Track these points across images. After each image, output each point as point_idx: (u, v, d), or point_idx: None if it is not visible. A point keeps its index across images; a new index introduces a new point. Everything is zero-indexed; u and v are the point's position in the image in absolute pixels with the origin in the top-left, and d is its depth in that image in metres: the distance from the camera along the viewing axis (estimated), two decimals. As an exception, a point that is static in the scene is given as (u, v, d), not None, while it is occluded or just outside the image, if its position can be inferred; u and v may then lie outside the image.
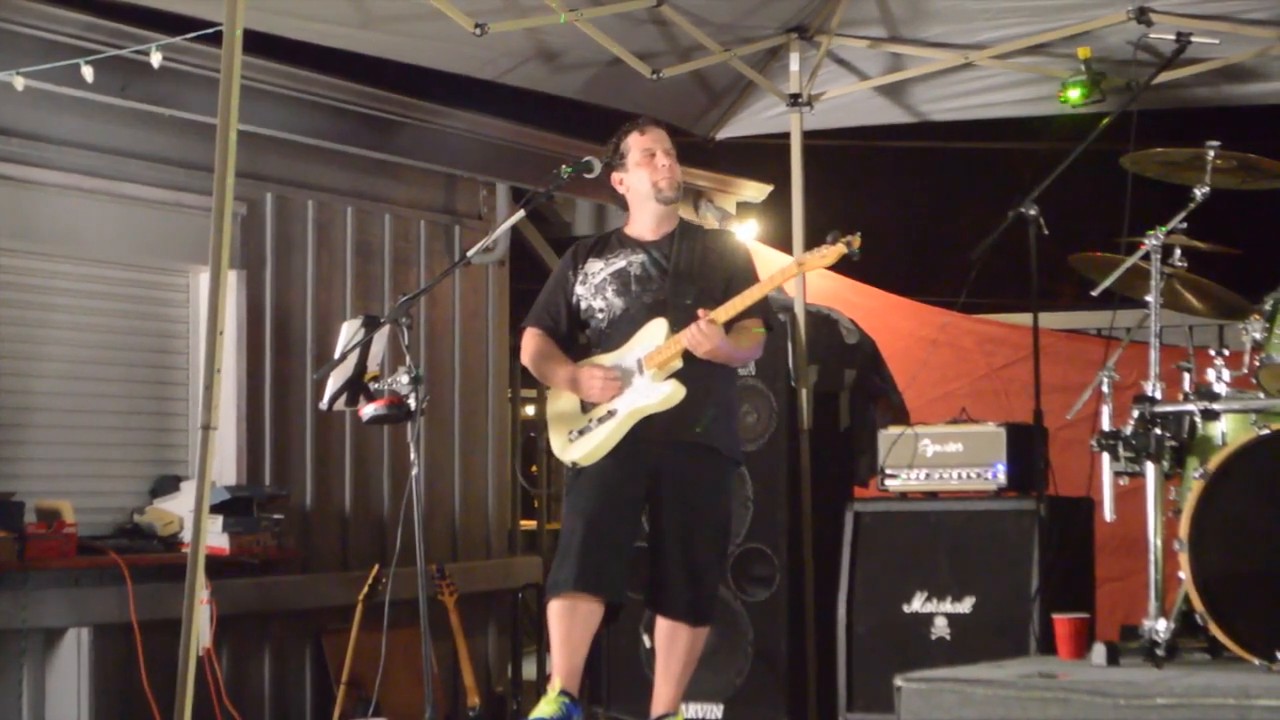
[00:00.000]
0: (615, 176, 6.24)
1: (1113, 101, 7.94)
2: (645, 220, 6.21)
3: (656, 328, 6.00)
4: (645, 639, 7.40)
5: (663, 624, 6.08)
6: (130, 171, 7.62)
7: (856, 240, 5.83)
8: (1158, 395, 6.24)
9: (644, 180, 6.17)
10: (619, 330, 6.08)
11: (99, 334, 7.66)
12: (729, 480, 6.19)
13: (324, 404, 6.22)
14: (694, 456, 6.01)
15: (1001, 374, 9.35)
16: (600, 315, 6.13)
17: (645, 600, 6.15)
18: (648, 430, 5.97)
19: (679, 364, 5.94)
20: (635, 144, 6.20)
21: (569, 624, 5.89)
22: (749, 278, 6.13)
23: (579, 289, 6.18)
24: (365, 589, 7.52)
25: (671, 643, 6.06)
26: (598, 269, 6.17)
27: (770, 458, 7.56)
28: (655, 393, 5.95)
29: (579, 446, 6.02)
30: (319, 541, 8.30)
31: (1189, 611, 5.99)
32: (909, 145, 13.53)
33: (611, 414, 5.98)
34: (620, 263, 6.15)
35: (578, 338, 6.24)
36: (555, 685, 5.87)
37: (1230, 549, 5.88)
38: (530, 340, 6.24)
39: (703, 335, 5.87)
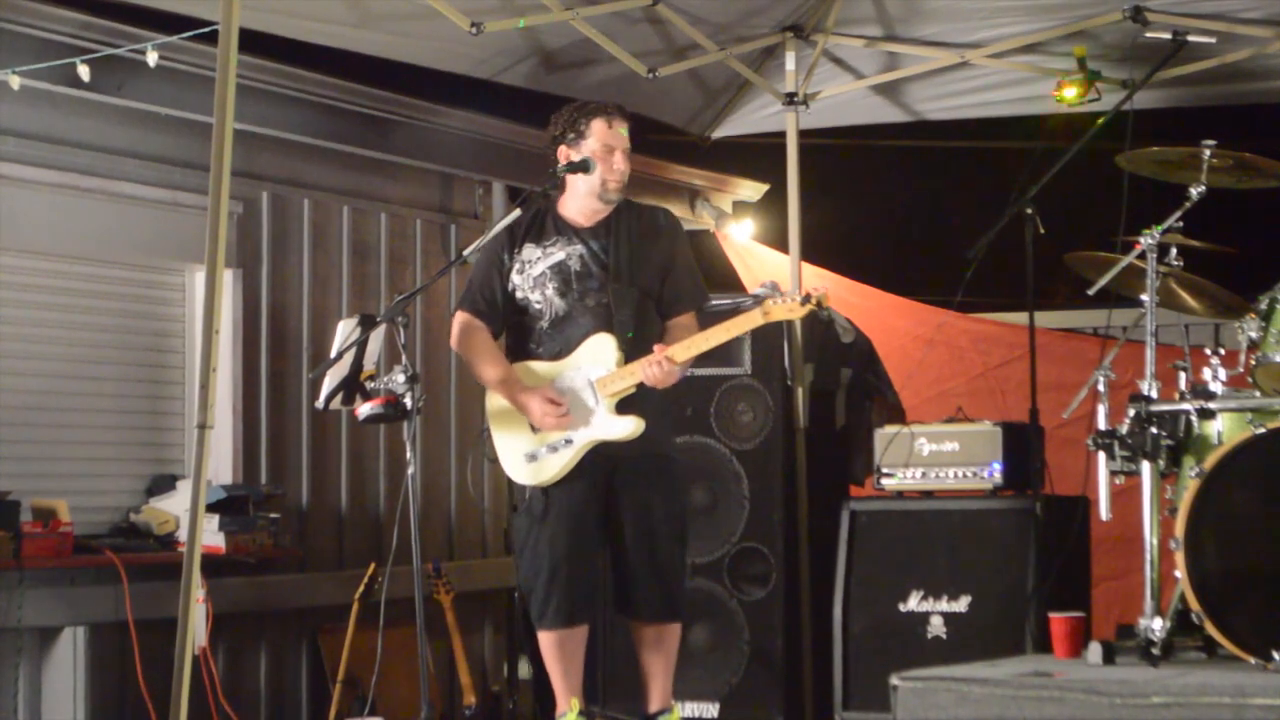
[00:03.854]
0: (563, 151, 6.12)
1: (1109, 100, 7.94)
2: (581, 207, 6.13)
3: (605, 347, 5.96)
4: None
5: (645, 627, 6.09)
6: (126, 170, 7.61)
7: (828, 299, 5.85)
8: (1154, 394, 6.24)
9: (594, 174, 6.08)
10: (561, 332, 6.03)
11: (95, 333, 7.65)
12: (679, 480, 6.21)
13: (320, 403, 6.22)
14: (646, 465, 6.03)
15: (997, 373, 9.35)
16: (538, 308, 6.05)
17: (619, 609, 6.14)
18: (601, 448, 5.98)
19: (633, 390, 5.95)
20: (599, 133, 6.10)
21: (568, 650, 6.02)
22: (685, 263, 6.16)
23: (515, 278, 6.09)
24: (361, 588, 7.52)
25: (658, 642, 6.09)
26: (535, 258, 6.09)
27: (766, 456, 7.56)
28: (617, 427, 5.94)
29: (534, 472, 6.00)
30: (315, 540, 8.29)
31: (1185, 610, 5.99)
32: (905, 144, 13.51)
33: (568, 442, 5.95)
34: (559, 254, 6.07)
35: (507, 319, 6.15)
36: (574, 705, 5.94)
37: (1226, 548, 5.88)
38: (468, 331, 6.14)
39: (663, 375, 5.87)
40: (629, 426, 5.94)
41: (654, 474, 6.05)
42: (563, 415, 5.92)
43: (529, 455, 6.00)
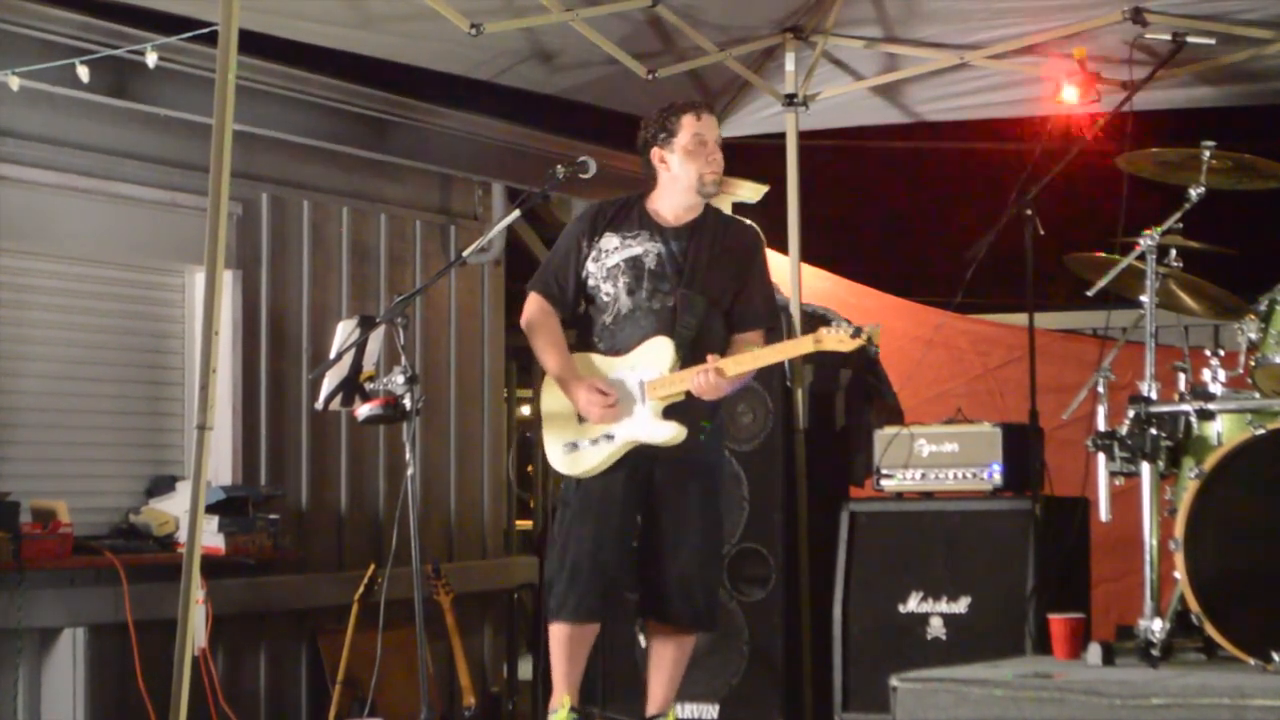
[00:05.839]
0: (656, 153, 6.07)
1: (1108, 101, 7.94)
2: (674, 204, 6.08)
3: (663, 351, 5.92)
4: (641, 639, 7.39)
5: (660, 628, 6.09)
6: (126, 171, 7.62)
7: (877, 337, 5.85)
8: (1153, 395, 6.24)
9: (690, 169, 6.03)
10: (622, 329, 5.99)
11: (94, 334, 7.65)
12: (718, 487, 6.17)
13: (319, 404, 6.21)
14: (687, 470, 6.00)
15: (997, 374, 9.36)
16: (605, 300, 6.02)
17: (641, 608, 6.12)
18: (646, 449, 5.95)
19: (681, 397, 5.92)
20: (689, 126, 6.05)
21: (575, 646, 5.99)
22: (761, 282, 6.11)
23: (590, 265, 6.06)
24: (361, 589, 7.52)
25: (671, 647, 6.08)
26: (613, 247, 6.04)
27: (766, 458, 7.56)
28: (658, 431, 5.90)
29: (573, 462, 5.98)
30: (315, 541, 8.30)
31: (1184, 611, 5.99)
32: (904, 145, 13.52)
33: (609, 438, 5.93)
34: (637, 249, 6.02)
35: (579, 306, 6.13)
36: (565, 702, 5.92)
37: (1226, 549, 5.88)
38: (539, 315, 6.10)
39: (710, 387, 5.82)
40: (670, 433, 5.90)
41: (695, 480, 6.01)
42: (609, 405, 5.89)
43: (570, 445, 5.99)
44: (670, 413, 5.92)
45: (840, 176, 14.20)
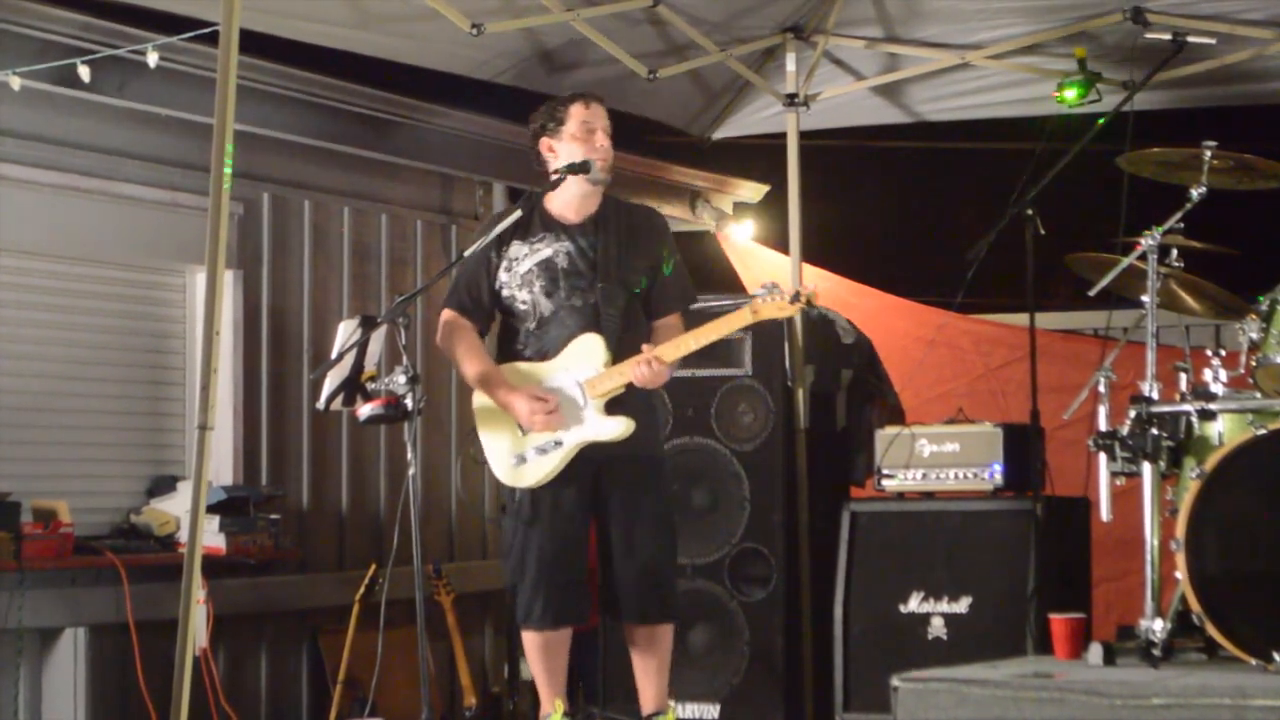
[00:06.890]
0: (545, 142, 6.08)
1: (1109, 101, 7.94)
2: (569, 198, 6.06)
3: (593, 348, 5.92)
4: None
5: (632, 628, 6.08)
6: (126, 171, 7.61)
7: (817, 297, 5.83)
8: (1154, 395, 6.24)
9: (577, 156, 6.02)
10: (548, 333, 5.99)
11: (95, 334, 7.65)
12: (666, 480, 6.19)
13: (321, 404, 6.22)
14: (632, 466, 6.00)
15: (998, 374, 9.36)
16: (524, 308, 6.01)
17: (608, 611, 6.10)
18: (588, 449, 5.94)
19: (622, 390, 5.92)
20: (576, 115, 6.05)
21: (551, 651, 6.03)
22: (674, 263, 6.12)
23: (502, 275, 6.04)
24: (362, 589, 7.52)
25: (650, 644, 6.08)
26: (522, 255, 6.03)
27: (767, 458, 7.56)
28: (607, 428, 5.90)
29: (522, 474, 5.97)
30: (315, 541, 8.29)
31: (1185, 611, 5.99)
32: (905, 145, 13.52)
33: (557, 444, 5.92)
34: (546, 251, 6.02)
35: (494, 318, 6.12)
36: (558, 707, 5.94)
37: (1227, 549, 5.88)
38: (452, 329, 6.09)
39: (653, 375, 5.84)
40: (619, 427, 5.91)
41: (641, 475, 6.02)
42: (551, 412, 5.89)
43: (517, 458, 5.97)
44: (611, 408, 5.93)
45: (841, 177, 14.20)
